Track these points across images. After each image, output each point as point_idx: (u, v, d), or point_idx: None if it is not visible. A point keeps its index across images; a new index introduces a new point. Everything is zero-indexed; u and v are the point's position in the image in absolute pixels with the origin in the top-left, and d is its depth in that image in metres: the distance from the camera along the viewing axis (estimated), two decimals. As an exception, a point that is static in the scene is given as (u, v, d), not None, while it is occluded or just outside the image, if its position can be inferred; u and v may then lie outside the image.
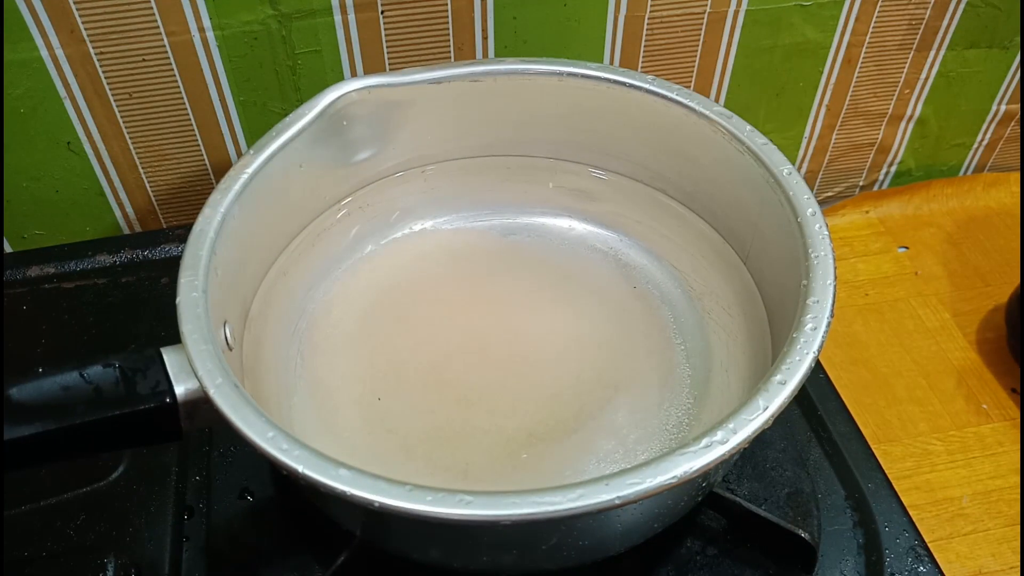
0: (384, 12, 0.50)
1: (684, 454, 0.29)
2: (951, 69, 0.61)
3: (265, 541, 0.41)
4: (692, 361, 0.44)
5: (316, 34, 0.50)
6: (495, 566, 0.37)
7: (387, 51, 0.52)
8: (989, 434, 0.52)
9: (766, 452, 0.44)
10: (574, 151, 0.49)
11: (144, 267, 0.55)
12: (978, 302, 0.60)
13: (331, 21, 0.50)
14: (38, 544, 0.41)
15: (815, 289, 0.35)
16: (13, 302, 0.52)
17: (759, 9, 0.54)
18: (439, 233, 0.51)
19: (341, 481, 0.29)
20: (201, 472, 0.44)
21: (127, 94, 0.51)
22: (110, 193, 0.56)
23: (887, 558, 0.41)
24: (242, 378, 0.38)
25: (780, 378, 0.32)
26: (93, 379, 0.32)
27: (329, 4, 0.49)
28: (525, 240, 0.51)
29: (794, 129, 0.63)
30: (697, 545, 0.41)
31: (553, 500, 0.28)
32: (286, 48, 0.51)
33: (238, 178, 0.39)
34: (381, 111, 0.45)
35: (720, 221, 0.46)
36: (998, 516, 0.48)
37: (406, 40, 0.52)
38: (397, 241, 0.50)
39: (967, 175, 0.70)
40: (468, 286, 0.48)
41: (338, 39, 0.51)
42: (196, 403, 0.32)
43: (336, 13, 0.50)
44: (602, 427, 0.42)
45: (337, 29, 0.50)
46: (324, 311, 0.47)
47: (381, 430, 0.42)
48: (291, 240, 0.45)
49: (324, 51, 0.51)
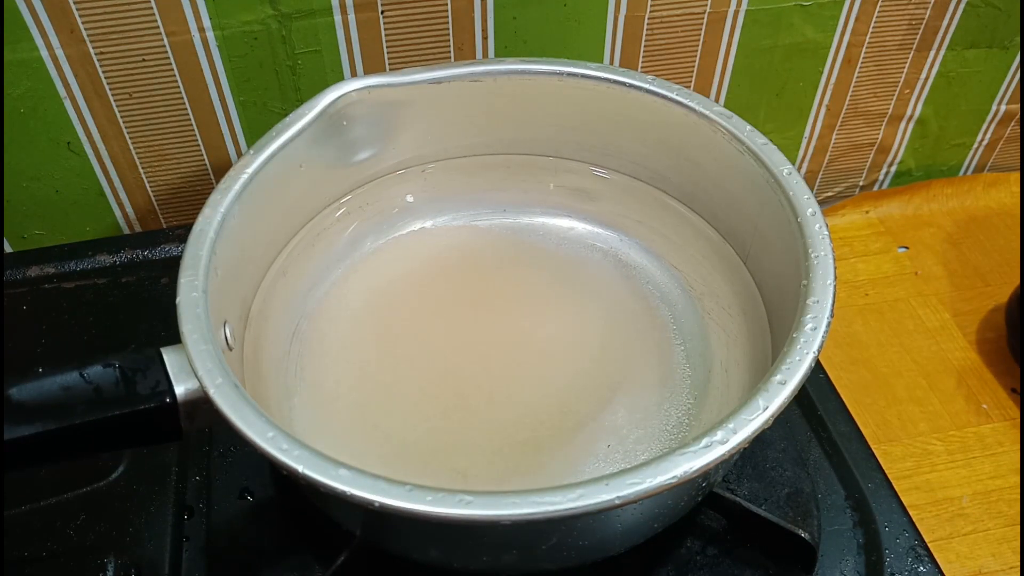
0: (384, 12, 0.50)
1: (684, 454, 0.29)
2: (951, 69, 0.61)
3: (265, 541, 0.41)
4: (692, 361, 0.44)
5: (316, 34, 0.50)
6: (495, 566, 0.37)
7: (387, 51, 0.52)
8: (989, 434, 0.52)
9: (766, 452, 0.44)
10: (574, 151, 0.49)
11: (144, 267, 0.55)
12: (978, 302, 0.60)
13: (331, 21, 0.50)
14: (38, 544, 0.41)
15: (815, 289, 0.35)
16: (13, 302, 0.52)
17: (759, 9, 0.54)
18: (439, 233, 0.51)
19: (341, 481, 0.29)
20: (201, 472, 0.44)
21: (127, 94, 0.51)
22: (110, 193, 0.56)
23: (887, 558, 0.41)
24: (242, 378, 0.38)
25: (780, 378, 0.32)
26: (93, 379, 0.32)
27: (329, 4, 0.49)
28: (525, 240, 0.51)
29: (794, 129, 0.63)
30: (697, 545, 0.41)
31: (553, 500, 0.28)
32: (286, 48, 0.51)
33: (238, 178, 0.39)
34: (381, 111, 0.45)
35: (720, 221, 0.46)
36: (998, 516, 0.48)
37: (406, 40, 0.52)
38: (397, 240, 0.50)
39: (967, 175, 0.70)
40: (468, 286, 0.48)
41: (338, 39, 0.51)
42: (196, 403, 0.32)
43: (336, 13, 0.50)
44: (602, 427, 0.42)
45: (337, 29, 0.50)
46: (324, 311, 0.47)
47: (380, 429, 0.42)
48: (291, 239, 0.45)
49: (324, 51, 0.51)
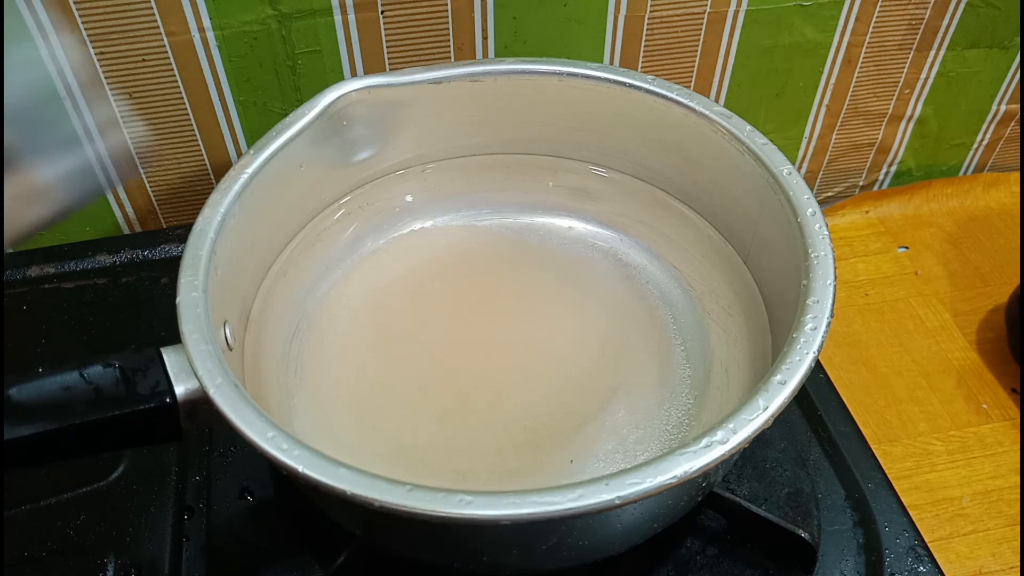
0: (384, 12, 0.50)
1: (684, 454, 0.29)
2: (951, 69, 0.61)
3: (265, 541, 0.41)
4: (692, 361, 0.44)
5: (316, 34, 0.50)
6: (495, 566, 0.37)
7: (387, 51, 0.52)
8: (989, 434, 0.52)
9: (766, 452, 0.44)
10: (574, 151, 0.49)
11: (144, 267, 0.55)
12: (978, 302, 0.60)
13: (331, 21, 0.50)
14: (38, 544, 0.41)
15: (815, 289, 0.35)
16: (13, 302, 0.52)
17: (759, 9, 0.54)
18: (439, 232, 0.51)
19: (341, 481, 0.29)
20: (201, 472, 0.44)
21: (127, 94, 0.51)
22: (110, 193, 0.56)
23: (887, 558, 0.41)
24: (242, 378, 0.38)
25: (780, 378, 0.32)
26: (93, 379, 0.32)
27: (329, 4, 0.49)
28: (525, 240, 0.51)
29: (794, 129, 0.63)
30: (697, 545, 0.41)
31: (553, 500, 0.28)
32: (286, 48, 0.51)
33: (238, 178, 0.39)
34: (381, 111, 0.45)
35: (720, 221, 0.46)
36: (998, 516, 0.48)
37: (406, 40, 0.52)
38: (397, 240, 0.50)
39: (967, 175, 0.70)
40: (468, 286, 0.48)
41: (338, 39, 0.51)
42: (196, 403, 0.32)
43: (336, 13, 0.50)
44: (602, 427, 0.42)
45: (337, 29, 0.50)
46: (324, 311, 0.47)
47: (380, 430, 0.42)
48: (291, 239, 0.45)
49: (324, 51, 0.51)
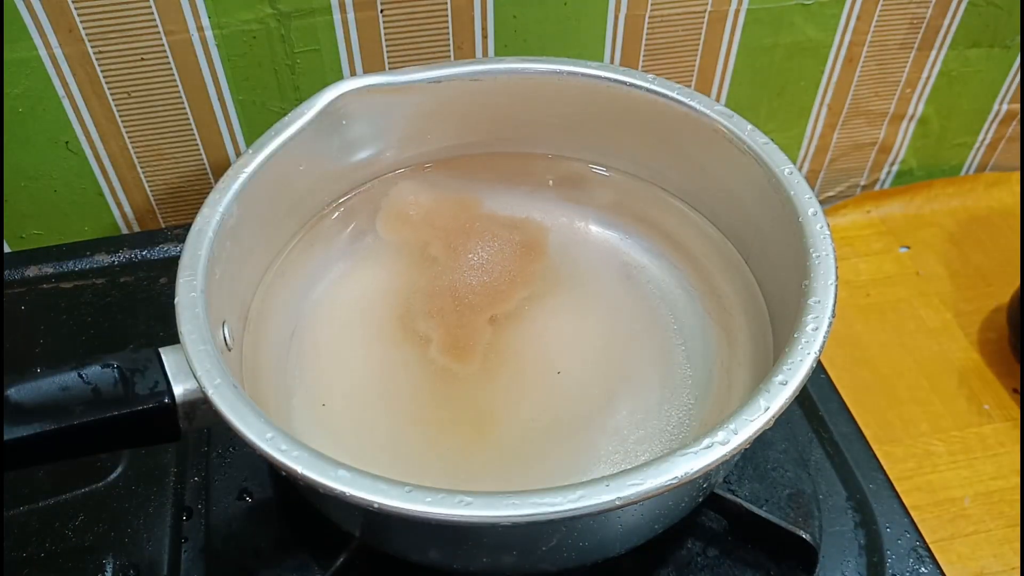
0: (383, 11, 0.50)
1: (685, 455, 0.29)
2: (953, 68, 0.61)
3: (264, 542, 0.41)
4: (693, 361, 0.44)
5: (315, 33, 0.50)
6: (495, 567, 0.37)
7: (387, 50, 0.52)
8: (991, 434, 0.52)
9: (767, 453, 0.44)
10: (574, 150, 0.49)
11: (142, 267, 0.55)
12: (980, 302, 0.60)
13: (330, 20, 0.50)
14: (37, 544, 0.41)
15: (816, 289, 0.35)
16: (12, 302, 0.52)
17: (760, 8, 0.54)
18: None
19: (340, 482, 0.28)
20: (200, 473, 0.44)
21: (126, 93, 0.51)
22: (108, 193, 0.56)
23: (888, 559, 0.41)
24: (241, 379, 0.38)
25: (781, 378, 0.32)
26: (92, 379, 0.32)
27: (328, 3, 0.49)
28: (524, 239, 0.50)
29: (795, 128, 0.63)
30: (698, 546, 0.41)
31: (553, 501, 0.28)
32: (285, 47, 0.51)
33: (237, 177, 0.39)
34: (380, 110, 0.45)
35: (721, 220, 0.46)
36: (1000, 517, 0.48)
37: (406, 39, 0.52)
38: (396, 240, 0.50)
39: (969, 175, 0.70)
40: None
41: (337, 38, 0.51)
42: (195, 403, 0.32)
43: (335, 12, 0.49)
44: (602, 428, 0.41)
45: (336, 28, 0.50)
46: (323, 311, 0.47)
47: (379, 430, 0.42)
48: (290, 239, 0.45)
49: (323, 50, 0.51)
